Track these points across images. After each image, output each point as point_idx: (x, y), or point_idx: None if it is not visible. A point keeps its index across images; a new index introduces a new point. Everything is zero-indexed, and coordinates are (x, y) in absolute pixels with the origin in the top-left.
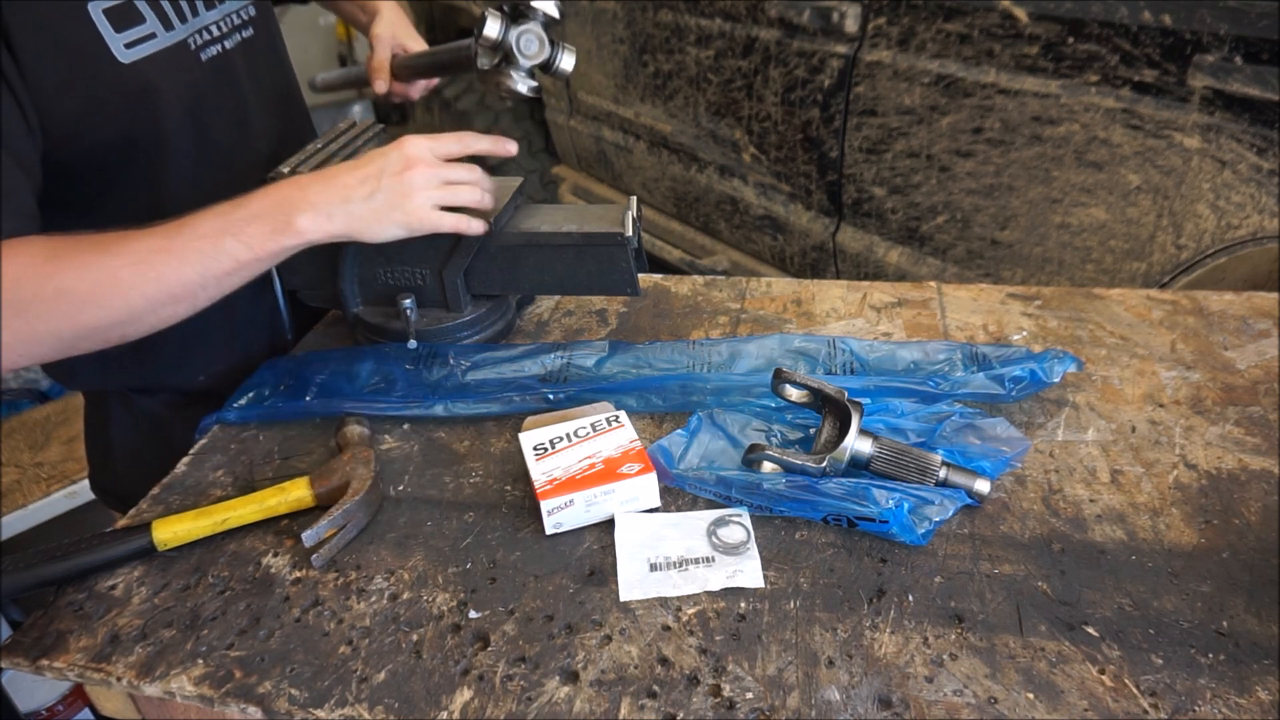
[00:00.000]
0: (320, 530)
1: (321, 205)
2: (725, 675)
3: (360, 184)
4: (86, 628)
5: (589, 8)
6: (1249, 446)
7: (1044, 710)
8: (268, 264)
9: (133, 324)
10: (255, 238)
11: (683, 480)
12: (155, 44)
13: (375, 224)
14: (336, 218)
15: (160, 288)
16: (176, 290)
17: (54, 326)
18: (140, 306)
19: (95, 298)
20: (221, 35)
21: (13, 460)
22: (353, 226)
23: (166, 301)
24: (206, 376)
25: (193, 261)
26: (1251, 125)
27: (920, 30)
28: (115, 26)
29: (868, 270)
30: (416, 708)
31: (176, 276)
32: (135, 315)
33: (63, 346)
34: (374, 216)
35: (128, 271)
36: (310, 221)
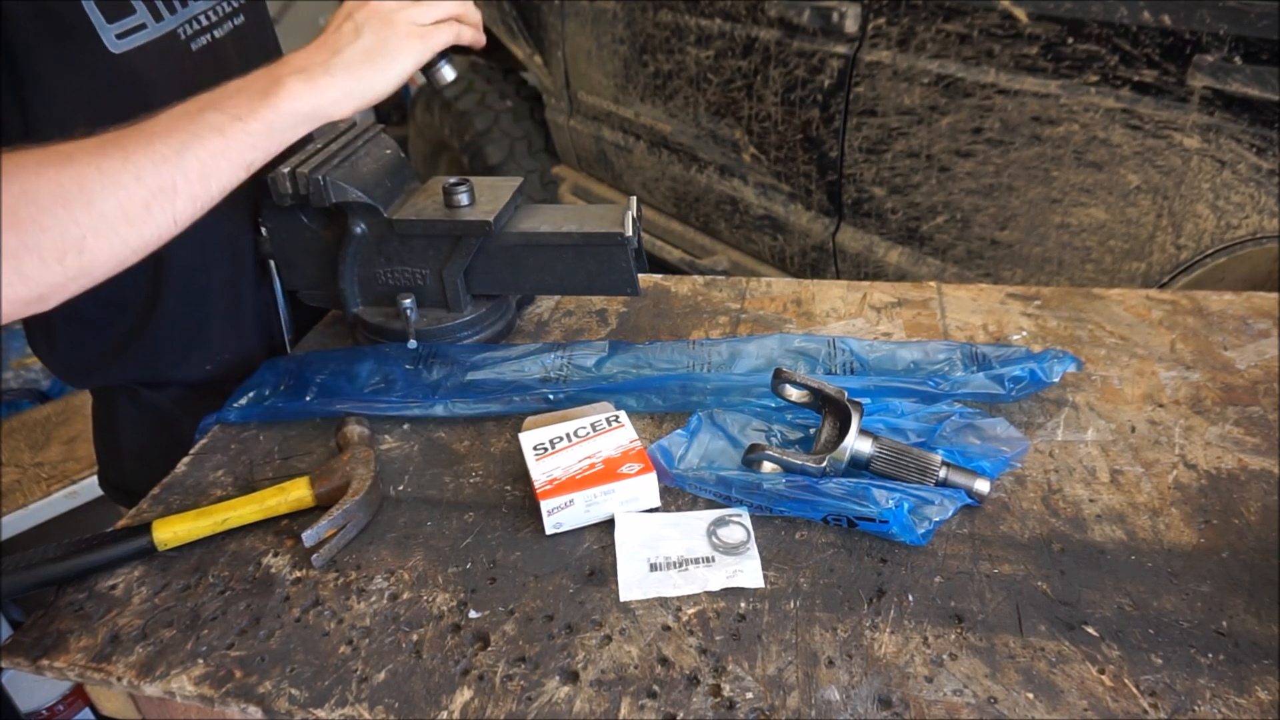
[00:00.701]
0: (320, 530)
1: (311, 66)
2: (725, 675)
3: (338, 32)
4: (86, 628)
5: (589, 8)
6: (1249, 446)
7: (1044, 710)
8: (260, 142)
9: (94, 232)
10: (241, 105)
11: (683, 480)
12: (146, 34)
13: (374, 66)
14: (333, 71)
15: (129, 171)
16: (150, 178)
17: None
18: (107, 202)
19: (46, 184)
20: (212, 24)
21: (13, 460)
22: (354, 74)
23: (137, 196)
24: (213, 366)
25: (168, 139)
26: (1251, 125)
27: (920, 30)
28: (107, 17)
29: (868, 270)
30: (416, 708)
31: (147, 155)
32: (98, 214)
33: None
34: (368, 57)
35: (87, 154)
36: (301, 82)
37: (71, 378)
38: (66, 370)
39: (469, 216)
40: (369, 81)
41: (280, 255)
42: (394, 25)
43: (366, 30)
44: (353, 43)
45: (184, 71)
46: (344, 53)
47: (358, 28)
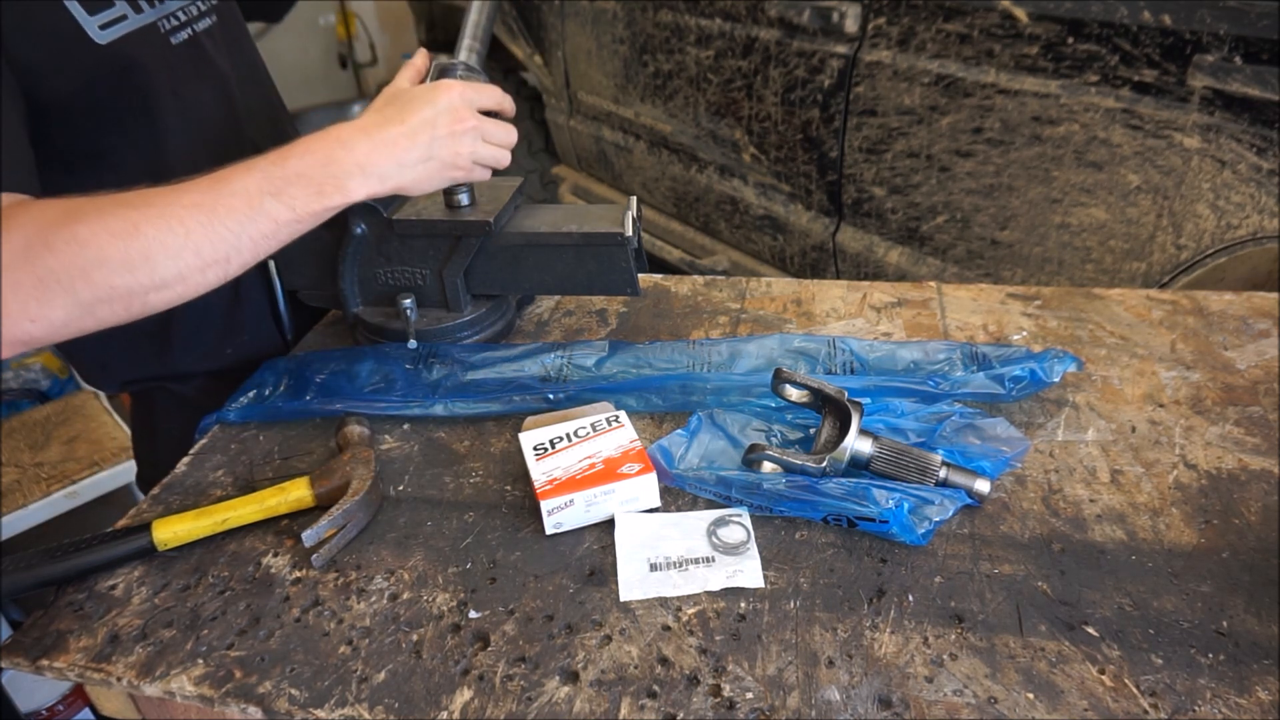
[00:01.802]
0: (320, 530)
1: (372, 168)
2: (725, 675)
3: (410, 142)
4: (86, 628)
5: (589, 8)
6: (1249, 446)
7: (1044, 710)
8: (309, 225)
9: (157, 291)
10: (299, 199)
11: (683, 480)
12: (128, 25)
13: (425, 182)
14: (389, 180)
15: (190, 247)
16: (207, 252)
17: (69, 284)
18: (166, 269)
19: (116, 253)
20: (189, 20)
21: (13, 460)
22: (404, 186)
23: (196, 265)
24: (235, 349)
25: (227, 220)
26: (1251, 125)
27: (920, 30)
28: (88, 10)
29: (868, 270)
30: (416, 708)
31: (208, 236)
32: (160, 280)
33: (79, 310)
34: (426, 175)
35: (153, 227)
36: (361, 184)
37: (99, 379)
38: (93, 371)
39: (469, 216)
40: (411, 190)
41: (280, 255)
42: (459, 156)
43: (436, 154)
44: (419, 163)
45: (171, 63)
46: (406, 169)
47: (431, 146)
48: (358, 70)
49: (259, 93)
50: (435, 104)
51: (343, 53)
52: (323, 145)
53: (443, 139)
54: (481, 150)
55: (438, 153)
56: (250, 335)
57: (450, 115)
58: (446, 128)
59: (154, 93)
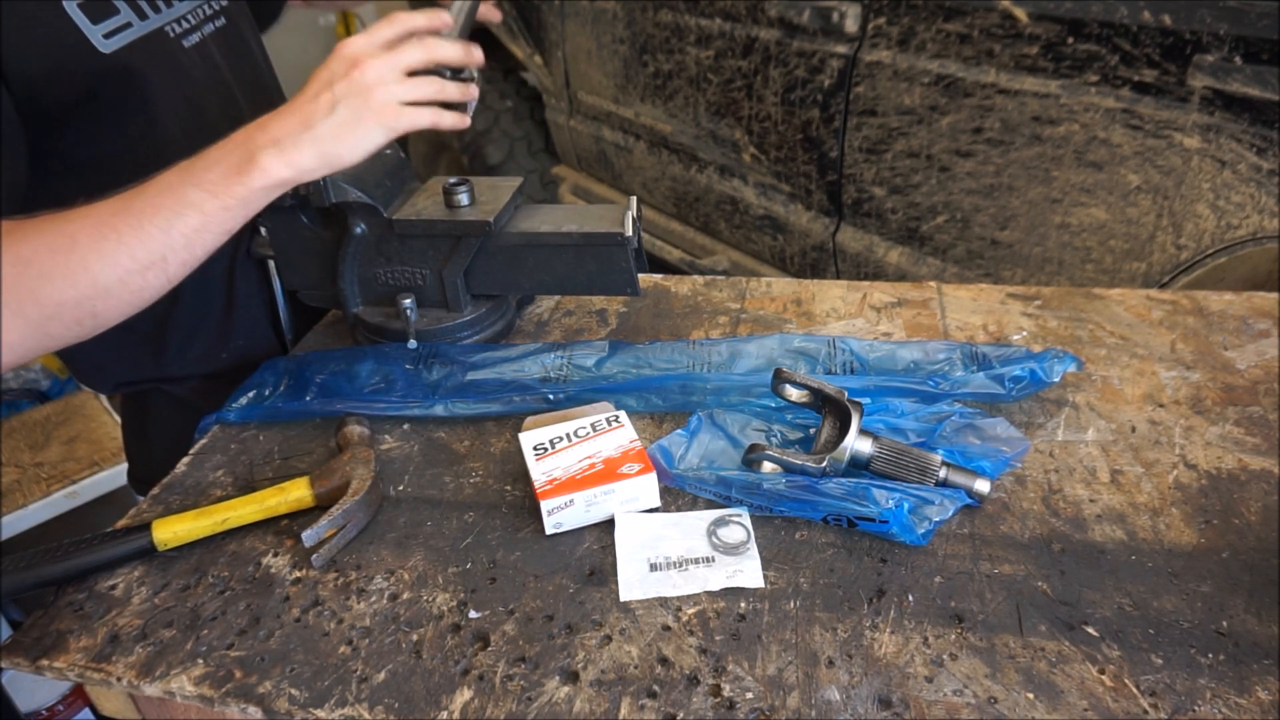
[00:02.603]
0: (320, 530)
1: (284, 138)
2: (725, 675)
3: (314, 102)
4: (86, 628)
5: (589, 8)
6: (1249, 446)
7: (1044, 710)
8: (238, 214)
9: (101, 299)
10: (217, 182)
11: (683, 480)
12: (133, 32)
13: (346, 140)
14: (303, 145)
15: (124, 252)
16: (141, 254)
17: (17, 305)
18: (105, 276)
19: (56, 267)
20: (197, 24)
21: (13, 460)
22: (324, 151)
23: (133, 269)
24: (229, 353)
25: (154, 218)
26: (1251, 125)
27: (920, 30)
28: (91, 19)
29: (868, 270)
30: (416, 708)
31: (139, 237)
32: (102, 287)
33: (32, 330)
34: (342, 131)
35: (87, 236)
36: (276, 158)
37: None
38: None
39: (469, 216)
40: (338, 155)
41: (280, 255)
42: (370, 101)
43: (342, 106)
44: (327, 117)
45: (181, 67)
46: (317, 126)
47: (334, 102)
48: None
49: (266, 97)
50: (330, 64)
51: None
52: (241, 132)
53: (344, 88)
54: (399, 88)
55: (345, 104)
56: (245, 339)
57: (345, 63)
58: (344, 74)
59: (158, 100)
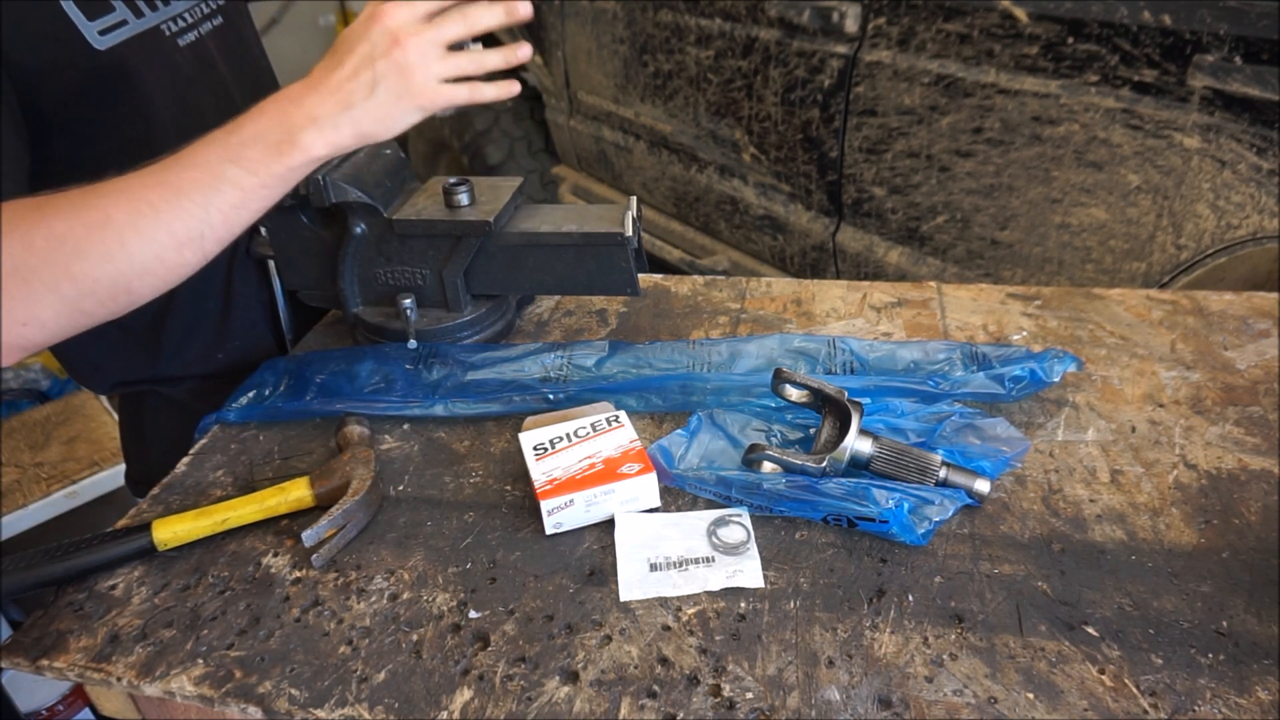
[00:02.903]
0: (320, 530)
1: (323, 117)
2: (725, 675)
3: (354, 81)
4: (86, 628)
5: (589, 8)
6: (1249, 446)
7: (1044, 710)
8: (276, 189)
9: (138, 277)
10: (259, 161)
11: (683, 480)
12: (128, 30)
13: (385, 120)
14: (343, 126)
15: (162, 228)
16: (179, 230)
17: (51, 281)
18: (142, 252)
19: (91, 242)
20: (194, 23)
21: (13, 460)
22: (362, 130)
23: (170, 245)
24: (225, 354)
25: (193, 194)
26: (1251, 125)
27: (920, 30)
28: (87, 15)
29: (868, 270)
30: (416, 708)
31: (176, 213)
32: (139, 264)
33: (66, 308)
34: (382, 113)
35: (122, 211)
36: (316, 137)
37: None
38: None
39: (469, 216)
40: (375, 134)
41: (280, 255)
42: (411, 82)
43: (382, 86)
44: (367, 98)
45: (175, 66)
46: (356, 107)
47: (374, 82)
48: None
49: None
50: (368, 35)
51: None
52: (274, 105)
53: (386, 67)
54: (442, 65)
55: (385, 84)
56: (242, 340)
57: (387, 38)
58: (385, 53)
59: (152, 98)
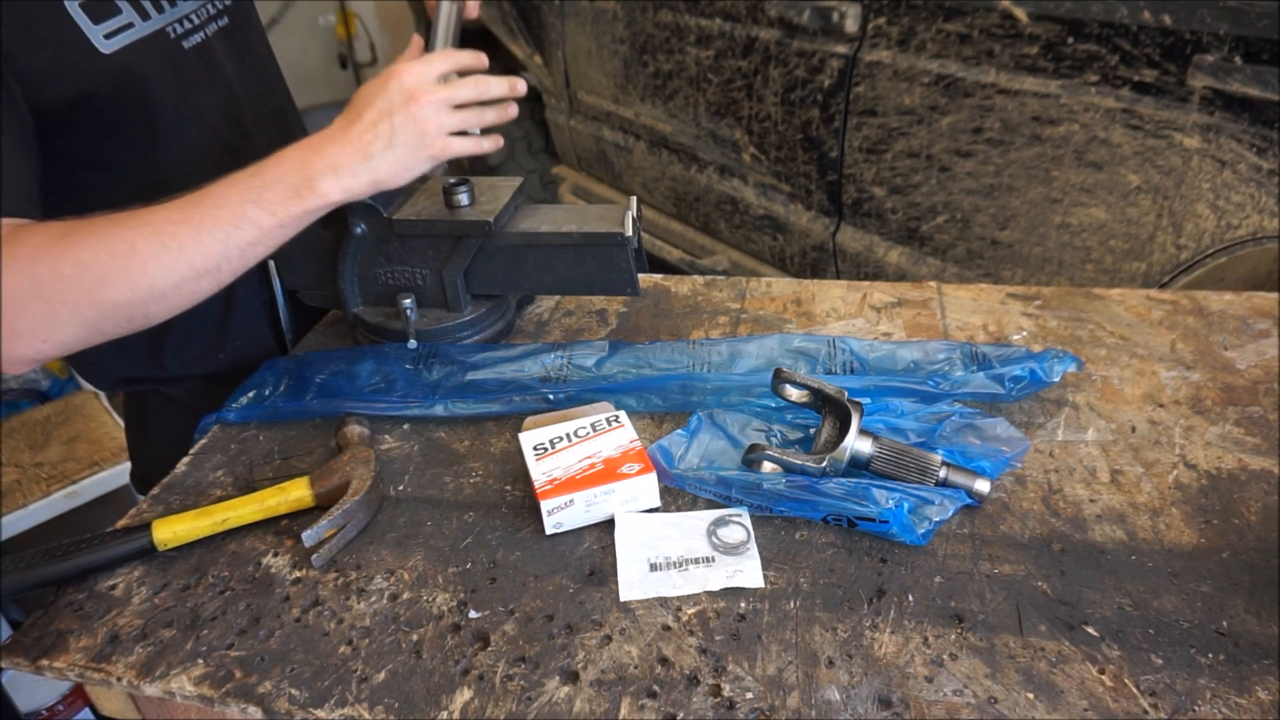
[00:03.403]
0: (320, 530)
1: (343, 166)
2: (725, 675)
3: (372, 133)
4: (86, 628)
5: (589, 8)
6: (1249, 446)
7: (1044, 710)
8: (291, 230)
9: (156, 302)
10: (278, 203)
11: (683, 480)
12: (134, 33)
13: (399, 170)
14: (360, 175)
15: (183, 260)
16: (199, 262)
17: (74, 304)
18: (163, 281)
19: (116, 271)
20: (201, 24)
21: (13, 460)
22: (377, 179)
23: (189, 275)
24: (226, 354)
25: (213, 230)
26: (1251, 125)
27: (920, 30)
28: (93, 19)
29: (868, 270)
30: (416, 708)
31: (197, 247)
32: (158, 292)
33: (85, 329)
34: (398, 164)
35: (147, 243)
36: (334, 184)
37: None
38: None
39: (469, 216)
40: (388, 182)
41: (280, 255)
42: (425, 136)
43: (399, 139)
44: (385, 150)
45: (178, 68)
46: (374, 158)
47: (392, 134)
48: (358, 70)
49: (268, 97)
50: (386, 90)
51: (343, 53)
52: (296, 152)
53: (402, 124)
54: (449, 120)
55: (402, 136)
56: (242, 341)
57: (403, 95)
58: (402, 109)
59: (157, 100)
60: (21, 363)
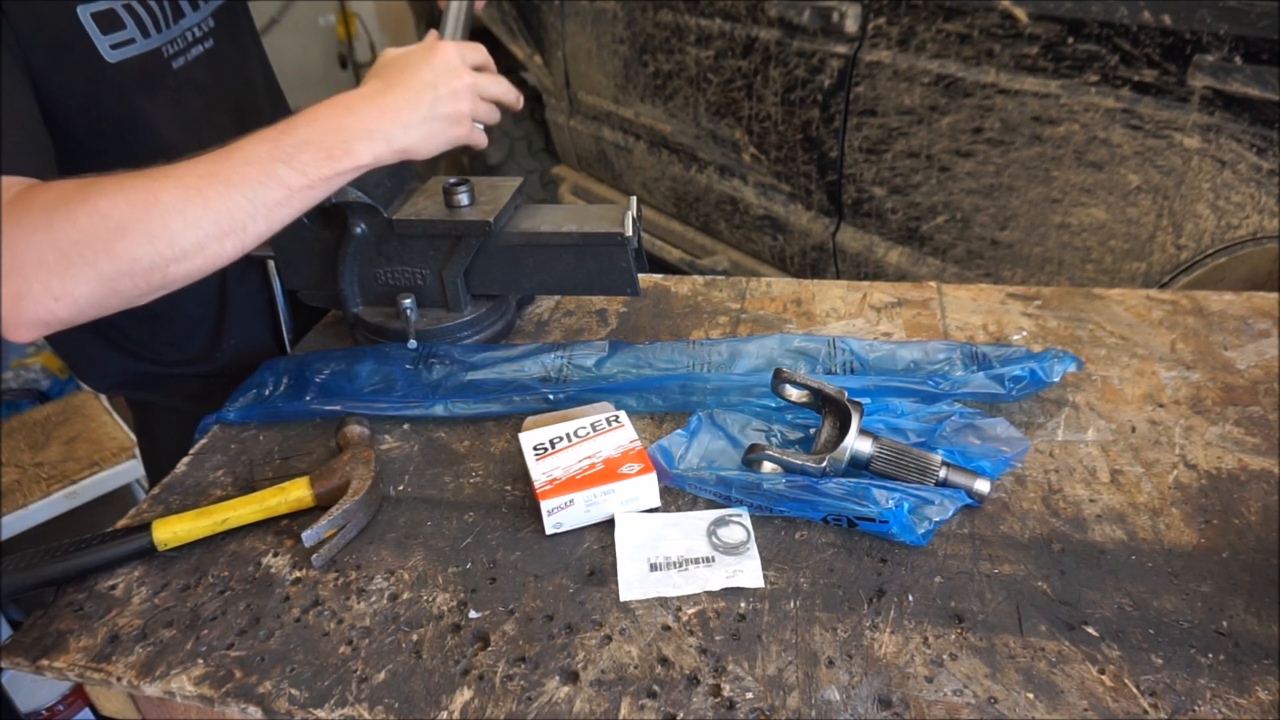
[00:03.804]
0: (320, 530)
1: (378, 131)
2: (725, 675)
3: (413, 104)
4: (86, 628)
5: (589, 8)
6: (1249, 446)
7: (1044, 710)
8: (320, 192)
9: (177, 262)
10: (309, 164)
11: (683, 480)
12: (136, 48)
13: (429, 141)
14: (395, 141)
15: (208, 215)
16: (224, 220)
17: (91, 257)
18: (185, 238)
19: (136, 222)
20: (186, 47)
21: (13, 460)
22: (409, 146)
23: (214, 234)
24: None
25: (242, 187)
26: (1251, 125)
27: (920, 30)
28: (101, 29)
29: (868, 270)
30: (416, 708)
31: (224, 204)
32: (180, 250)
33: (101, 286)
34: (430, 137)
35: (171, 195)
36: (367, 148)
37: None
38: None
39: (469, 216)
40: (417, 152)
41: (280, 255)
42: (460, 114)
43: (438, 112)
44: (421, 122)
45: (166, 87)
46: (410, 128)
47: (435, 104)
48: (358, 70)
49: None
50: (433, 65)
51: (343, 53)
52: (330, 112)
53: (444, 98)
54: (479, 108)
55: (440, 111)
56: (238, 340)
57: (449, 73)
58: (446, 86)
59: (154, 113)
60: (31, 325)
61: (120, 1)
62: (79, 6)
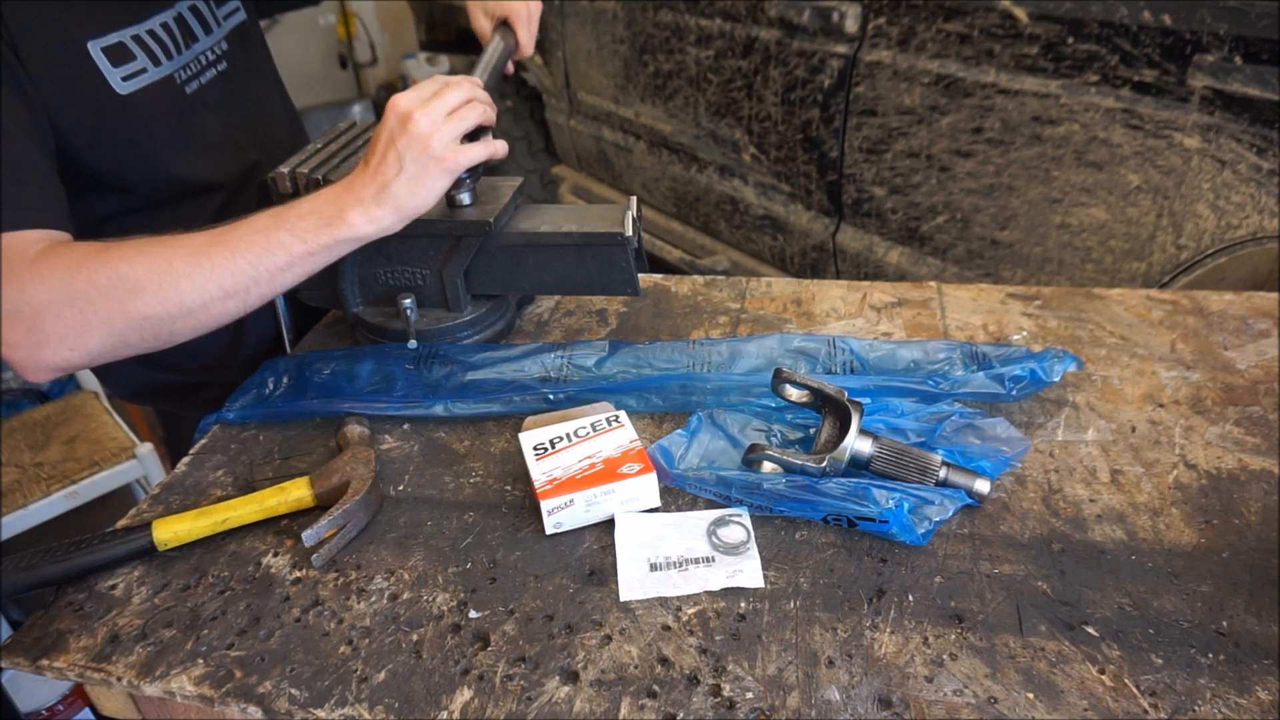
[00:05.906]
0: (320, 530)
1: (367, 198)
2: (725, 675)
3: (384, 162)
4: (86, 628)
5: (589, 8)
6: (1249, 446)
7: (1044, 710)
8: (320, 259)
9: (183, 319)
10: (309, 231)
11: (683, 480)
12: (147, 77)
13: (418, 193)
14: (384, 203)
15: (214, 279)
16: (229, 283)
17: (106, 314)
18: (193, 299)
19: (150, 285)
20: (198, 71)
21: (13, 460)
22: (400, 206)
23: (219, 296)
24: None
25: (247, 254)
26: (1251, 125)
27: (920, 30)
28: (112, 62)
29: (868, 270)
30: (416, 708)
31: (230, 268)
32: (188, 309)
33: (113, 339)
34: (413, 185)
35: (183, 262)
36: (360, 214)
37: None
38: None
39: (469, 216)
40: (413, 209)
41: None
42: (430, 149)
43: (408, 160)
44: (398, 175)
45: (180, 112)
46: (391, 186)
47: (400, 158)
48: (358, 70)
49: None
50: (385, 122)
51: (343, 53)
52: (331, 190)
53: (406, 145)
54: (448, 127)
55: (409, 157)
56: (253, 348)
57: (400, 120)
58: (404, 134)
59: (166, 138)
60: (46, 369)
61: (130, 34)
62: (89, 42)
